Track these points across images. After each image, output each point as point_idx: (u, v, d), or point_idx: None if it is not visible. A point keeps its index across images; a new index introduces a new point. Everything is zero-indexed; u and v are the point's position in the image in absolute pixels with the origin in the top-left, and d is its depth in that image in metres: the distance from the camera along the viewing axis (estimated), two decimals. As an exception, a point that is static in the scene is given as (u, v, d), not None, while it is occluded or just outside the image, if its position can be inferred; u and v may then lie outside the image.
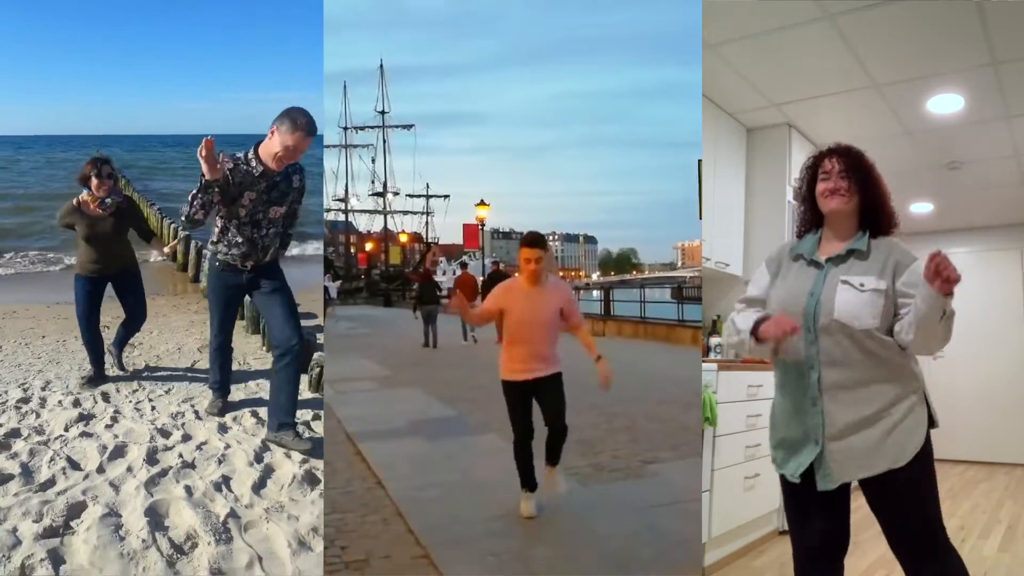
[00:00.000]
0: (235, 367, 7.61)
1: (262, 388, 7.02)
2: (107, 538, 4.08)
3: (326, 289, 24.04)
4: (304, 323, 5.93)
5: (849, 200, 3.24)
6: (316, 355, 7.22)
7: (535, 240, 4.69)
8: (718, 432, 5.94)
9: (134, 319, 7.37)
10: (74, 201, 6.73)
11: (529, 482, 4.81)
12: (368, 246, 66.92)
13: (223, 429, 5.91)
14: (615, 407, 8.23)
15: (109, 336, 7.57)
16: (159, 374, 7.66)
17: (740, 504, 6.26)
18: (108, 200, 6.68)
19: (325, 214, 67.39)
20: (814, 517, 3.33)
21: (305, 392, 6.78)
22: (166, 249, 7.90)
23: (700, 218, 7.43)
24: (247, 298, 6.26)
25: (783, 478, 3.33)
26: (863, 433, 3.09)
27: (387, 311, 40.20)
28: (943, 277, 2.71)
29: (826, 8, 5.68)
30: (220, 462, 5.20)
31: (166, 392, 6.98)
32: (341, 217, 69.24)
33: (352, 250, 71.62)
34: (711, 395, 5.83)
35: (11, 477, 4.87)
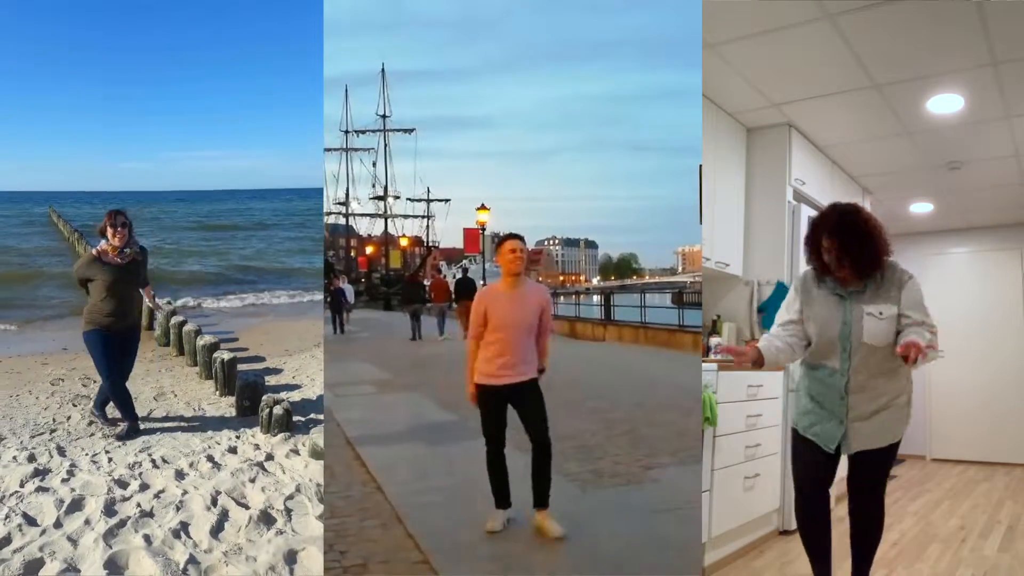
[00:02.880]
0: (190, 413, 7.93)
1: (216, 433, 7.17)
2: None
3: (342, 292, 23.65)
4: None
5: (848, 268, 4.43)
6: (265, 397, 7.31)
7: (516, 235, 4.84)
8: (718, 432, 5.93)
9: (122, 379, 7.29)
10: (93, 251, 6.93)
11: (503, 499, 4.77)
12: (369, 250, 66.89)
13: (180, 475, 5.96)
14: (615, 412, 8.21)
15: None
16: (115, 425, 7.46)
17: (740, 504, 6.25)
18: (127, 249, 6.90)
19: (326, 218, 67.50)
20: (814, 468, 4.70)
21: (257, 432, 7.08)
22: (152, 303, 7.93)
23: (700, 223, 7.43)
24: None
25: (805, 442, 4.68)
26: (873, 419, 4.49)
27: (387, 315, 40.20)
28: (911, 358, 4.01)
29: (826, 8, 5.67)
30: (178, 508, 5.24)
31: (121, 443, 6.91)
32: (342, 221, 69.27)
33: (353, 254, 71.64)
34: (711, 395, 5.82)
35: None
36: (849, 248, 4.37)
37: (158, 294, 8.80)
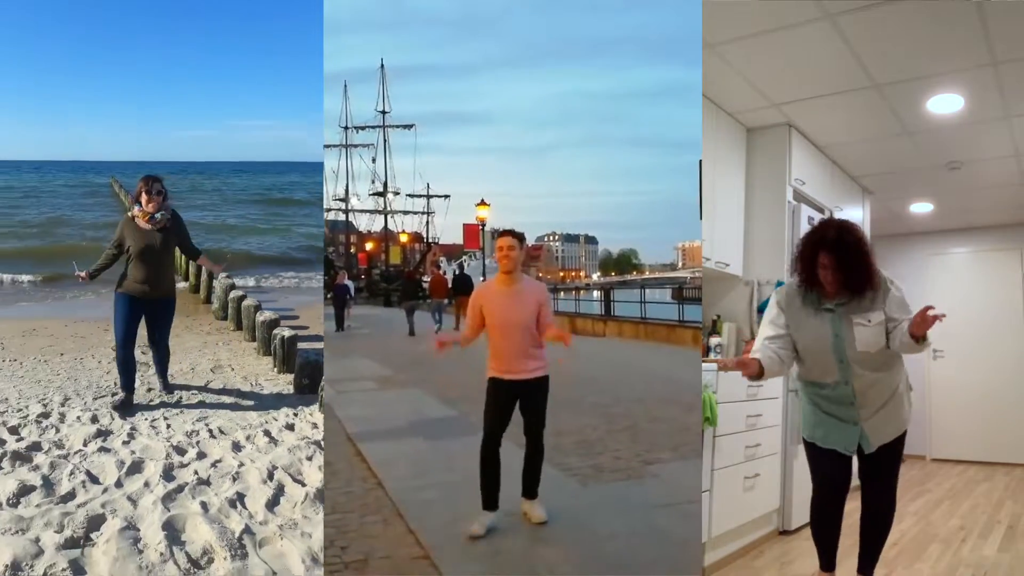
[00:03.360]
0: (248, 388, 7.97)
1: (274, 409, 7.20)
2: (126, 550, 4.19)
3: (347, 288, 23.38)
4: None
5: (842, 283, 4.56)
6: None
7: (509, 231, 4.78)
8: (718, 432, 5.95)
9: (160, 351, 7.52)
10: (128, 214, 7.03)
11: (492, 501, 4.71)
12: (368, 246, 66.79)
13: (236, 447, 6.02)
14: (616, 408, 8.24)
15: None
16: (173, 393, 7.74)
17: (740, 504, 6.27)
18: (158, 215, 6.95)
19: (325, 214, 67.41)
20: (829, 465, 4.89)
21: (315, 411, 7.06)
22: (214, 267, 8.27)
23: (701, 219, 7.44)
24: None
25: (823, 450, 4.87)
26: (881, 412, 4.72)
27: (387, 311, 40.16)
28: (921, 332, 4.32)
29: (826, 8, 5.67)
30: (234, 479, 5.31)
31: (180, 411, 7.07)
32: (341, 217, 69.14)
33: (352, 250, 71.52)
34: (711, 395, 5.84)
35: (33, 488, 5.02)
36: (846, 265, 4.51)
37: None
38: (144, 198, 6.92)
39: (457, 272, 23.88)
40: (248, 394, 7.80)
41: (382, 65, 66.17)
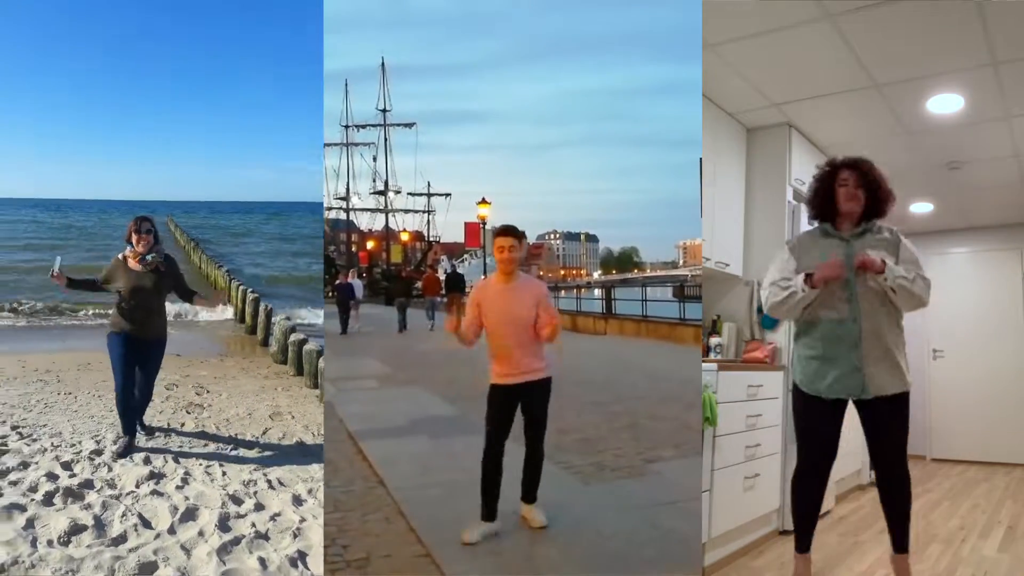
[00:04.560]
0: (309, 438, 7.47)
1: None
2: None
3: (351, 287, 22.92)
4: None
5: (861, 204, 4.74)
6: None
7: (507, 229, 4.69)
8: (718, 432, 5.96)
9: (144, 393, 7.12)
10: (119, 255, 6.82)
11: (490, 510, 4.63)
12: (369, 244, 66.88)
13: (298, 502, 5.63)
14: (617, 406, 8.26)
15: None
16: (228, 439, 7.36)
17: (740, 504, 6.27)
18: (149, 257, 6.73)
19: (326, 212, 67.45)
20: (825, 425, 4.84)
21: None
22: (208, 303, 7.93)
23: (702, 216, 7.45)
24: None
25: (813, 400, 4.80)
26: (884, 363, 4.64)
27: (388, 310, 40.15)
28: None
29: (826, 8, 5.69)
30: (295, 536, 4.97)
31: (237, 457, 6.73)
32: (342, 215, 69.24)
33: (353, 248, 71.59)
34: (711, 395, 5.85)
35: (85, 528, 4.83)
36: (868, 180, 4.76)
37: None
38: (135, 238, 6.71)
39: (449, 271, 24.09)
40: (310, 444, 7.33)
41: (383, 64, 66.19)
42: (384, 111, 65.18)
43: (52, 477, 5.78)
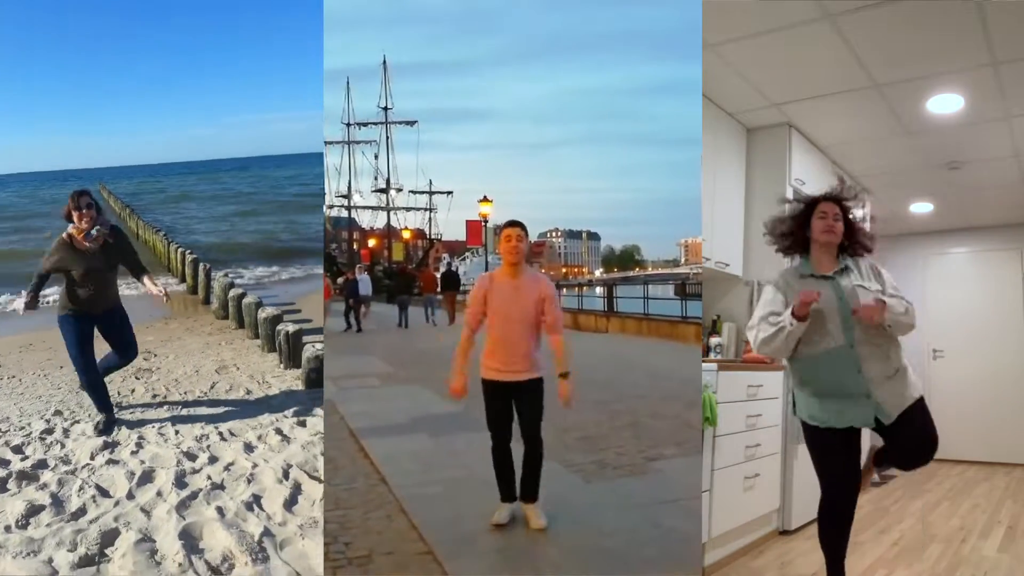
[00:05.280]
0: (255, 386, 7.86)
1: (284, 406, 7.17)
2: (143, 564, 4.17)
3: (358, 283, 22.45)
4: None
5: (838, 237, 4.69)
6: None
7: (514, 222, 4.70)
8: (718, 432, 5.97)
9: (127, 354, 7.13)
10: (63, 235, 6.55)
11: (508, 493, 4.73)
12: (371, 242, 66.80)
13: (249, 448, 5.95)
14: (618, 404, 8.26)
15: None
16: (179, 397, 7.67)
17: (740, 504, 6.29)
18: (93, 231, 6.51)
19: (328, 210, 67.40)
20: (841, 454, 4.72)
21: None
22: (155, 290, 7.15)
23: (702, 216, 7.47)
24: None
25: (820, 431, 4.71)
26: (893, 381, 4.58)
27: (390, 307, 40.15)
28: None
29: (826, 8, 5.71)
30: (249, 481, 5.25)
31: (188, 415, 7.01)
32: (344, 213, 69.12)
33: (355, 246, 71.51)
34: (711, 395, 5.86)
35: (42, 508, 4.93)
36: (846, 217, 4.72)
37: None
38: (75, 215, 6.46)
39: (444, 269, 24.31)
40: (256, 393, 7.76)
41: (384, 61, 66.07)
42: (386, 109, 65.02)
43: (3, 463, 5.84)
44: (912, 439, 4.70)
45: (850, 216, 4.75)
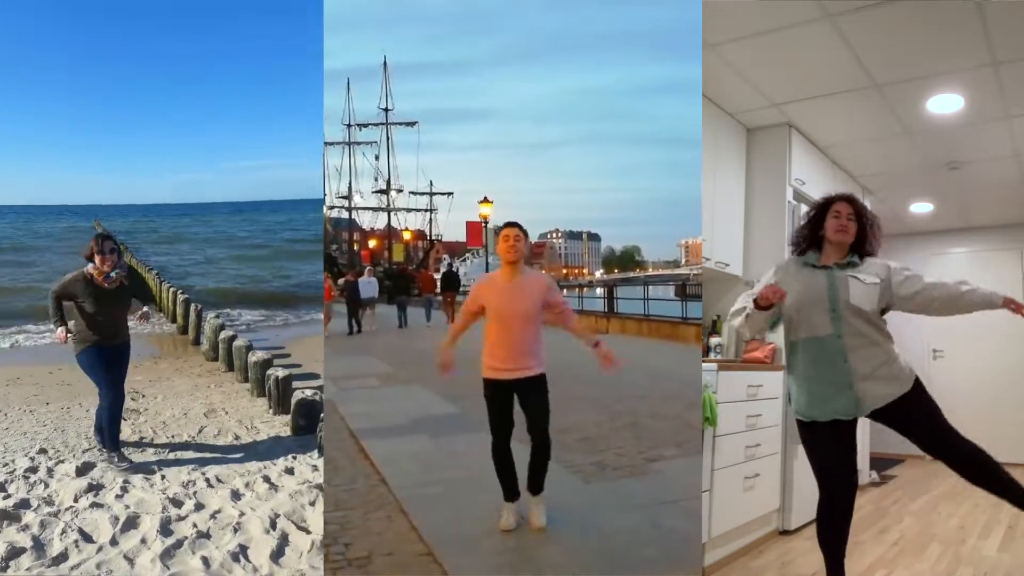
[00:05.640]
0: (243, 432, 7.76)
1: (272, 453, 7.03)
2: None
3: (357, 285, 21.98)
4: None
5: (850, 237, 4.72)
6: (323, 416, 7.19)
7: (513, 223, 4.76)
8: (718, 432, 5.97)
9: (119, 395, 7.04)
10: (84, 271, 6.75)
11: (511, 491, 4.75)
12: (372, 243, 66.80)
13: (236, 496, 5.80)
14: (619, 404, 8.26)
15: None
16: (166, 440, 7.51)
17: (740, 504, 6.29)
18: (113, 274, 6.74)
19: (328, 211, 67.36)
20: (832, 444, 4.74)
21: (314, 453, 6.89)
22: (143, 317, 7.39)
23: (702, 216, 7.47)
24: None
25: (808, 425, 4.76)
26: (877, 375, 4.60)
27: (390, 308, 40.15)
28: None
29: (826, 8, 5.70)
30: (236, 531, 5.12)
31: (175, 459, 6.86)
32: (344, 214, 69.15)
33: (356, 247, 71.50)
34: (711, 395, 5.86)
35: (23, 551, 4.81)
36: (859, 216, 4.75)
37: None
38: (98, 259, 6.70)
39: (444, 270, 24.38)
40: (244, 438, 7.62)
41: (385, 62, 66.13)
42: (386, 110, 65.05)
43: (-15, 501, 5.68)
44: (909, 427, 4.79)
45: (865, 218, 4.79)
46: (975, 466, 4.93)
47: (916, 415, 4.75)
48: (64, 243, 55.95)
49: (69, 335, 6.75)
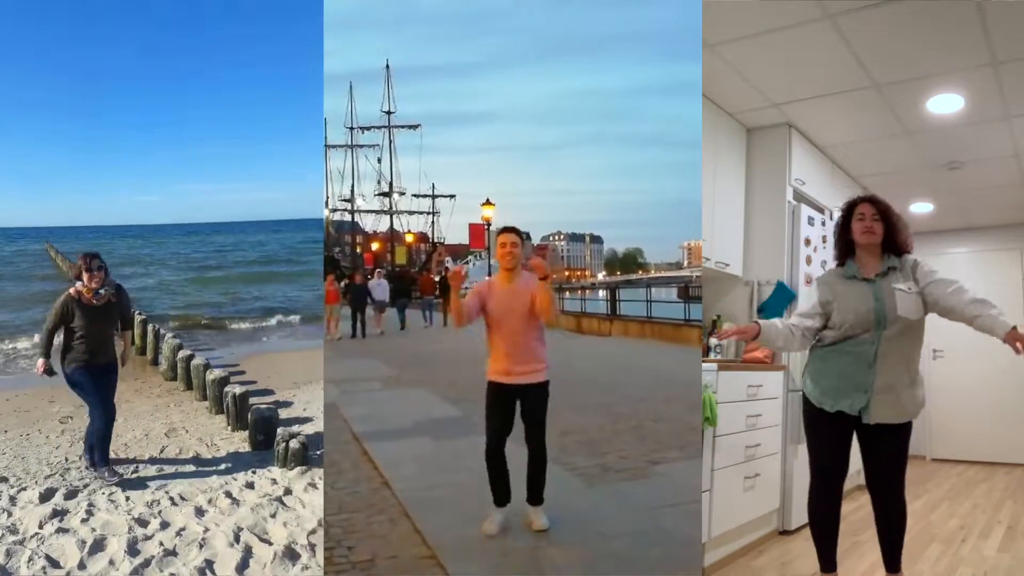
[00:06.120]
0: (204, 449, 7.83)
1: (233, 469, 7.11)
2: None
3: (364, 289, 21.68)
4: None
5: (878, 237, 4.79)
6: (280, 431, 7.31)
7: (509, 228, 4.80)
8: (718, 432, 5.98)
9: (108, 412, 7.10)
10: (71, 291, 6.82)
11: (501, 496, 4.76)
12: (374, 246, 66.85)
13: (200, 513, 5.89)
14: (622, 407, 8.27)
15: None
16: (128, 464, 7.42)
17: (740, 504, 6.29)
18: (102, 291, 6.83)
19: (332, 214, 67.45)
20: (833, 441, 4.86)
21: (273, 467, 7.03)
22: (126, 350, 7.47)
23: (702, 216, 7.48)
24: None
25: (821, 415, 4.83)
26: (896, 392, 4.66)
27: (392, 311, 40.14)
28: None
29: (826, 8, 5.71)
30: (201, 546, 5.22)
31: (138, 479, 6.87)
32: (347, 217, 69.24)
33: (358, 250, 71.53)
34: (711, 395, 5.87)
35: None
36: (884, 215, 4.82)
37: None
38: (86, 276, 6.77)
39: (443, 273, 24.49)
40: (205, 455, 7.68)
41: (387, 66, 66.20)
42: (388, 113, 65.16)
43: (-53, 532, 5.64)
44: (876, 456, 4.86)
45: (891, 216, 4.86)
46: (892, 523, 4.96)
47: (891, 447, 4.82)
48: (11, 267, 55.74)
49: (46, 373, 6.81)
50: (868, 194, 4.98)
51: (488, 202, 30.13)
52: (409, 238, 66.80)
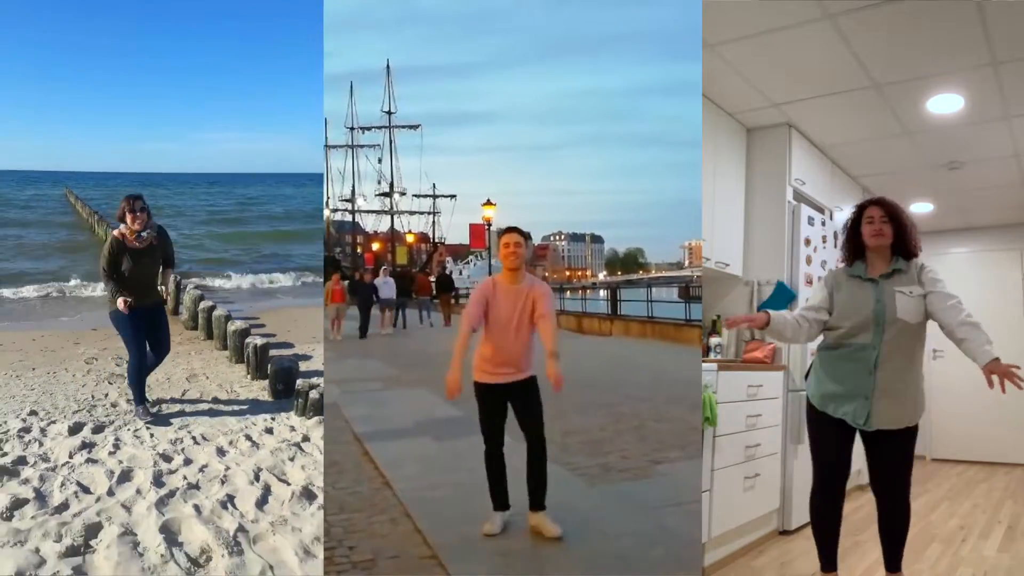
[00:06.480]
0: (224, 395, 8.16)
1: (252, 414, 7.41)
2: (127, 554, 4.36)
3: (373, 288, 21.40)
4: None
5: (887, 239, 4.77)
6: (300, 381, 7.53)
7: (513, 228, 4.78)
8: (718, 432, 5.98)
9: (161, 351, 7.52)
10: (115, 233, 7.04)
11: (500, 501, 4.75)
12: (375, 246, 66.85)
13: (221, 452, 6.22)
14: (623, 407, 8.27)
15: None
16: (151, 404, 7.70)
17: (740, 504, 6.30)
18: (144, 233, 7.01)
19: (332, 214, 67.46)
20: (835, 442, 4.87)
21: (292, 415, 7.34)
22: (167, 291, 7.91)
23: (702, 216, 7.48)
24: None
25: (823, 417, 4.85)
26: (895, 398, 4.66)
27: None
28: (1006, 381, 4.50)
29: (826, 8, 5.71)
30: (223, 482, 5.52)
31: (162, 418, 7.24)
32: (348, 217, 69.28)
33: (359, 250, 71.54)
34: (711, 395, 5.87)
35: (26, 501, 5.10)
36: (893, 218, 4.79)
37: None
38: (129, 217, 6.96)
39: (439, 273, 24.61)
40: (225, 400, 7.98)
41: (387, 66, 66.20)
42: (389, 113, 65.20)
43: (-17, 458, 5.99)
44: (881, 461, 4.87)
45: (901, 218, 4.83)
46: (895, 525, 4.96)
47: (896, 450, 4.82)
48: (31, 212, 55.82)
49: (127, 306, 6.96)
50: (877, 196, 4.98)
51: (489, 202, 30.14)
52: (410, 238, 66.82)
